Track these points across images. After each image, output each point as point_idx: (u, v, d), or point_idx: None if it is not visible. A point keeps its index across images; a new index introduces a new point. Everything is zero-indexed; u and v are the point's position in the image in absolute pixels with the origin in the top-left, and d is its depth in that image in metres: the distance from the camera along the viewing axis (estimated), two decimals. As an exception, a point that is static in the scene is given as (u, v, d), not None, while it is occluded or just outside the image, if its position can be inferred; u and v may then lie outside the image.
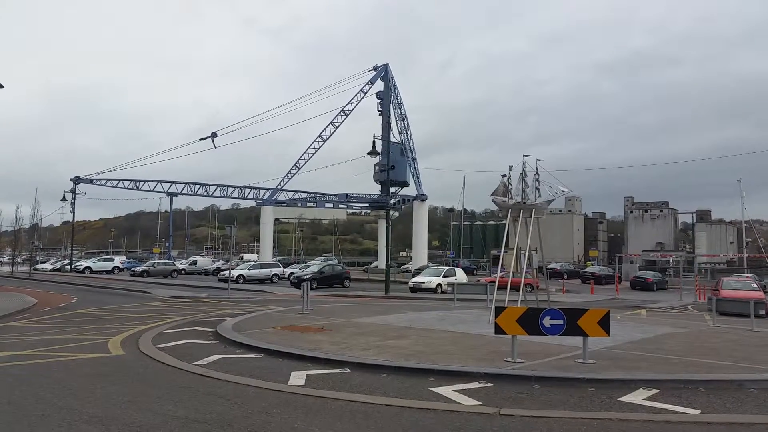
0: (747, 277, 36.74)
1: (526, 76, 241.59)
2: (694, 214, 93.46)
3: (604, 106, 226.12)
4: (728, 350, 12.11)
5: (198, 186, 65.50)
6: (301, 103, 66.85)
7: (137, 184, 63.22)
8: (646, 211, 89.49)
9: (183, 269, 55.40)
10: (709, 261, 69.59)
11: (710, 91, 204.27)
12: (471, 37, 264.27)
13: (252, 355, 11.37)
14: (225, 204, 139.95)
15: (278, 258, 71.92)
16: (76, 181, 61.90)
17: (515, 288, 18.24)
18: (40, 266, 61.62)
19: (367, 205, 74.00)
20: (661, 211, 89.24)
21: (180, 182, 65.56)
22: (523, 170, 17.30)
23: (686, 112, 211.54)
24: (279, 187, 64.27)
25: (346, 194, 69.90)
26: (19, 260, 61.97)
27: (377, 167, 58.33)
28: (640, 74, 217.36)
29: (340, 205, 72.40)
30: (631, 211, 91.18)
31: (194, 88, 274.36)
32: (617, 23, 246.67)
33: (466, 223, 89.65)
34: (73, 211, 63.93)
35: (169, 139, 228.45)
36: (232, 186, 66.50)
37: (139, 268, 51.26)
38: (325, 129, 62.42)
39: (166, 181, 64.69)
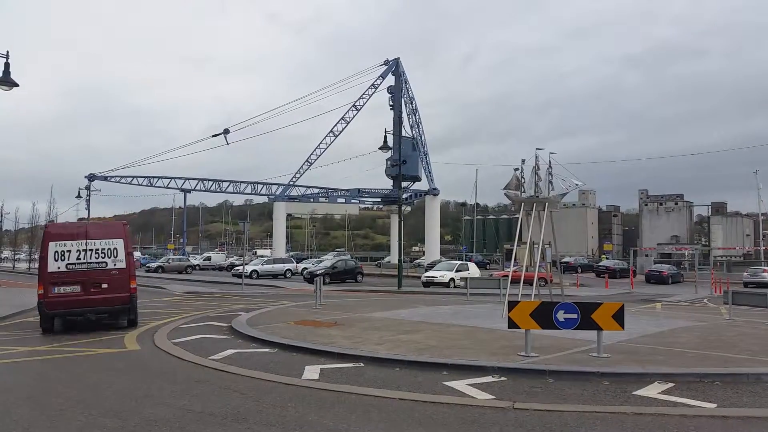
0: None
1: (549, 69, 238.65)
2: (710, 207, 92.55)
3: (627, 99, 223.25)
4: (745, 344, 11.97)
5: (211, 182, 65.98)
6: (317, 98, 67.04)
7: (151, 181, 63.67)
8: (661, 204, 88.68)
9: (197, 265, 55.80)
10: (725, 254, 68.94)
11: (734, 83, 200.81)
12: (494, 31, 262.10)
13: (266, 350, 11.44)
14: (238, 200, 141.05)
15: (291, 253, 72.24)
16: (91, 178, 62.38)
17: (528, 282, 18.15)
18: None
19: (379, 200, 73.97)
20: (676, 203, 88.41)
21: (193, 178, 66.05)
22: (536, 164, 17.21)
23: (708, 104, 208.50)
24: (291, 183, 64.47)
25: (358, 189, 69.89)
26: (36, 257, 62.75)
27: (389, 162, 58.27)
28: (665, 66, 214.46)
29: (352, 201, 72.41)
30: (646, 204, 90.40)
31: (215, 83, 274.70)
32: (643, 14, 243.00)
33: (478, 217, 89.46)
34: (88, 208, 64.31)
35: (189, 136, 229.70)
36: (245, 182, 66.92)
37: (154, 264, 51.72)
38: (336, 124, 62.57)
39: (180, 178, 65.16)
